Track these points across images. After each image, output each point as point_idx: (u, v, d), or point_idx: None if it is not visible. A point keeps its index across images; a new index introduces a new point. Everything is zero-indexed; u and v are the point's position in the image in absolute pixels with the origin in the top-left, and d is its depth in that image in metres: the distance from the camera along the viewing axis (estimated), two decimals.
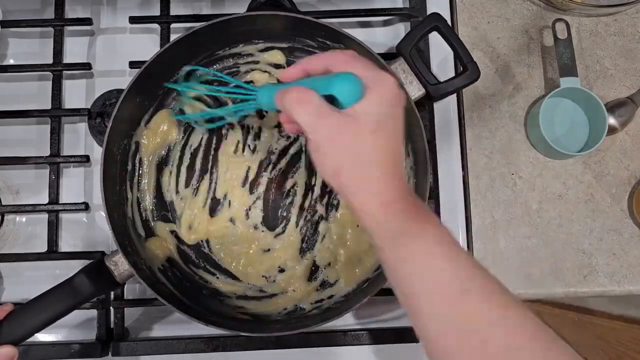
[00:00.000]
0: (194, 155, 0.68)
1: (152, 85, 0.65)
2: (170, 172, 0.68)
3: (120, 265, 0.58)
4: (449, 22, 0.73)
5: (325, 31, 0.63)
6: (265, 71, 0.69)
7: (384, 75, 0.44)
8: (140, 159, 0.67)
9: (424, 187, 0.61)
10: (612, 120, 0.72)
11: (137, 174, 0.67)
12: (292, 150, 0.69)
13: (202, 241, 0.67)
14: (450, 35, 0.63)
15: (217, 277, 0.66)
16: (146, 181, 0.67)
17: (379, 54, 0.62)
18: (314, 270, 0.67)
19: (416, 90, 0.62)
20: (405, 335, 0.66)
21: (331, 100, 0.44)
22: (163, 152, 0.68)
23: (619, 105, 0.73)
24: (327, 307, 0.65)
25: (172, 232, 0.67)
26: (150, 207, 0.67)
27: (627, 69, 0.76)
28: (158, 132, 0.67)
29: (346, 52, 0.47)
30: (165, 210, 0.67)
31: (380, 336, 0.66)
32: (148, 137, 0.67)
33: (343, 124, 0.43)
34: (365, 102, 0.43)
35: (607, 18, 0.77)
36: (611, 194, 0.73)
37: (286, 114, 0.45)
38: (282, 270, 0.66)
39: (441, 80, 0.63)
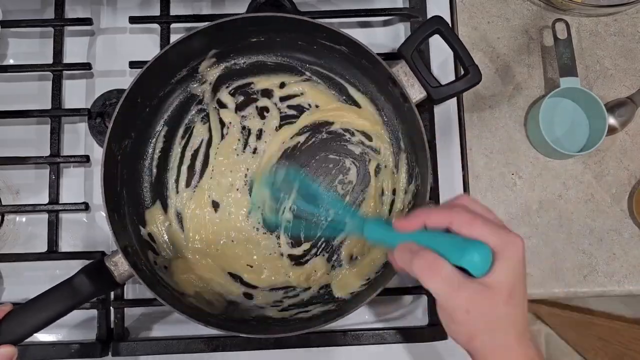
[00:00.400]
0: (194, 157, 0.69)
1: (154, 85, 0.65)
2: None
3: (120, 265, 0.58)
4: (449, 22, 0.73)
5: (326, 32, 0.63)
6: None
7: (512, 240, 0.44)
8: None
9: (424, 187, 0.61)
10: (612, 120, 0.72)
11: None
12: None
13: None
14: (452, 38, 0.63)
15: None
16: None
17: (378, 54, 0.62)
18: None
19: (417, 93, 0.62)
20: (405, 335, 0.66)
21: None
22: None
23: (619, 105, 0.73)
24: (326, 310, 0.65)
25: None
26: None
27: (627, 69, 0.76)
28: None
29: (467, 210, 0.46)
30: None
31: (380, 336, 0.66)
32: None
33: (477, 295, 0.43)
34: (498, 271, 0.43)
35: (607, 18, 0.77)
36: (611, 194, 0.73)
37: (411, 272, 0.45)
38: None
39: (442, 82, 0.63)
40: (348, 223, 0.56)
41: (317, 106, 0.69)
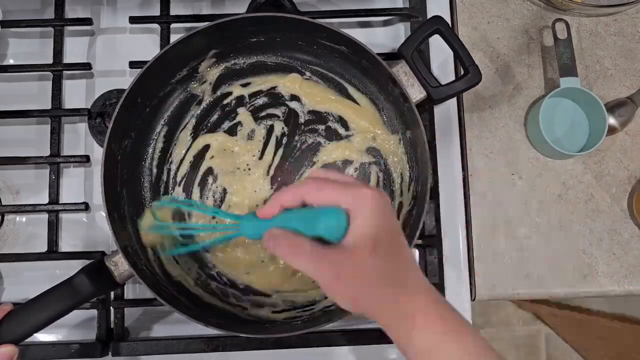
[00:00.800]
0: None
1: (154, 85, 0.65)
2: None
3: (120, 265, 0.58)
4: (449, 22, 0.73)
5: (326, 32, 0.63)
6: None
7: (361, 193, 0.44)
8: None
9: (424, 188, 0.61)
10: (612, 120, 0.72)
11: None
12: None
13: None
14: (452, 38, 0.63)
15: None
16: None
17: (378, 54, 0.62)
18: None
19: (417, 93, 0.62)
20: None
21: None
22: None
23: (619, 105, 0.73)
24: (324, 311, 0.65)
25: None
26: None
27: (627, 69, 0.76)
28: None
29: (315, 176, 0.47)
30: None
31: (380, 336, 0.66)
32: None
33: (339, 257, 0.43)
34: (353, 229, 0.43)
35: (607, 18, 0.77)
36: (611, 194, 0.73)
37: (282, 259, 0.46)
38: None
39: (442, 82, 0.63)
40: (229, 227, 0.56)
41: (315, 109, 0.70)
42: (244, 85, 0.70)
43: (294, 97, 0.69)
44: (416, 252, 0.69)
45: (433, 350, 0.42)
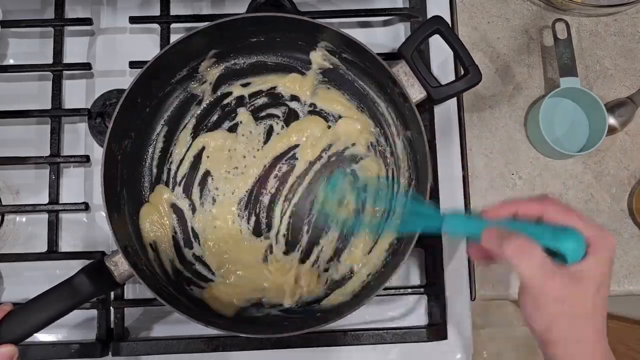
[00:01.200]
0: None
1: (154, 85, 0.65)
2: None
3: (120, 265, 0.58)
4: (449, 22, 0.73)
5: (326, 32, 0.63)
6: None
7: (606, 235, 0.45)
8: None
9: (424, 187, 0.61)
10: (612, 120, 0.72)
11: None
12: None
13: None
14: (452, 38, 0.62)
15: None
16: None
17: (378, 54, 0.62)
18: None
19: (417, 93, 0.62)
20: (405, 335, 0.66)
21: (548, 251, 0.44)
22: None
23: (619, 105, 0.73)
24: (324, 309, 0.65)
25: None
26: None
27: (627, 69, 0.76)
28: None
29: (557, 202, 0.47)
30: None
31: (380, 336, 0.66)
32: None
33: (570, 284, 0.43)
34: (590, 263, 0.44)
35: (607, 18, 0.77)
36: (611, 194, 0.73)
37: (500, 256, 0.45)
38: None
39: (442, 82, 0.63)
40: (419, 218, 0.55)
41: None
42: (244, 85, 0.70)
43: (294, 97, 0.69)
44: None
45: None
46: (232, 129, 0.69)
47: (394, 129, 0.68)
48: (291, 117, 0.69)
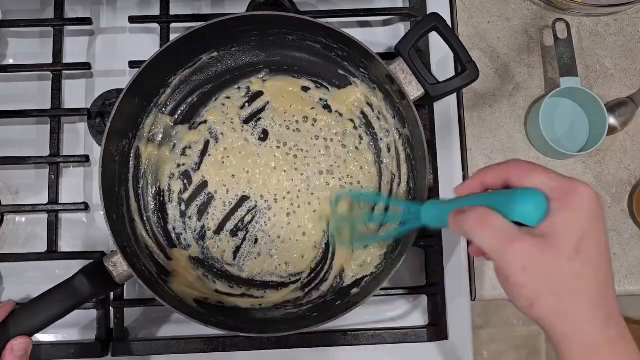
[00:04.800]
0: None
1: (152, 84, 0.65)
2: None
3: (119, 266, 0.58)
4: (449, 22, 0.73)
5: (325, 31, 0.63)
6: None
7: (576, 185, 0.38)
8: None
9: (424, 187, 0.61)
10: (612, 120, 0.72)
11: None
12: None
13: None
14: (449, 35, 0.62)
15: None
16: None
17: (377, 53, 0.61)
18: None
19: (415, 91, 0.62)
20: (405, 335, 0.66)
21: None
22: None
23: (619, 105, 0.73)
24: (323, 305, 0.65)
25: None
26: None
27: (627, 69, 0.76)
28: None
29: (523, 161, 0.42)
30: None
31: (380, 336, 0.66)
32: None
33: (533, 247, 0.37)
34: (557, 220, 0.38)
35: (607, 18, 0.77)
36: (611, 194, 0.73)
37: (464, 235, 0.41)
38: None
39: (440, 80, 0.63)
40: (405, 215, 0.54)
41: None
42: (241, 83, 0.70)
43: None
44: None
45: None
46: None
47: (393, 128, 0.68)
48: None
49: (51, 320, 0.55)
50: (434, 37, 0.64)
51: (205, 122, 0.68)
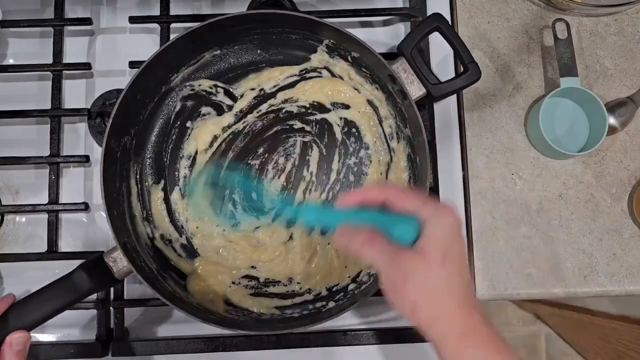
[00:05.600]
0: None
1: (152, 84, 0.65)
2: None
3: (119, 261, 0.58)
4: (449, 22, 0.73)
5: (327, 30, 0.63)
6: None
7: (442, 208, 0.47)
8: None
9: (424, 187, 0.61)
10: (612, 120, 0.72)
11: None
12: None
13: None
14: (451, 35, 0.62)
15: None
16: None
17: (379, 53, 0.62)
18: None
19: (417, 90, 0.62)
20: (405, 335, 0.66)
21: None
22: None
23: (619, 105, 0.73)
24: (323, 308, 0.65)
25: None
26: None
27: (627, 69, 0.76)
28: None
29: (395, 188, 0.51)
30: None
31: (380, 336, 0.66)
32: None
33: (412, 261, 0.45)
34: (428, 236, 0.45)
35: (607, 18, 0.77)
36: (611, 194, 0.73)
37: (351, 251, 0.48)
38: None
39: (442, 80, 0.63)
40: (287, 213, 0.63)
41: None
42: (238, 82, 0.70)
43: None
44: None
45: None
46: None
47: (392, 127, 0.68)
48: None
49: (50, 315, 0.55)
50: (434, 38, 0.64)
51: None
